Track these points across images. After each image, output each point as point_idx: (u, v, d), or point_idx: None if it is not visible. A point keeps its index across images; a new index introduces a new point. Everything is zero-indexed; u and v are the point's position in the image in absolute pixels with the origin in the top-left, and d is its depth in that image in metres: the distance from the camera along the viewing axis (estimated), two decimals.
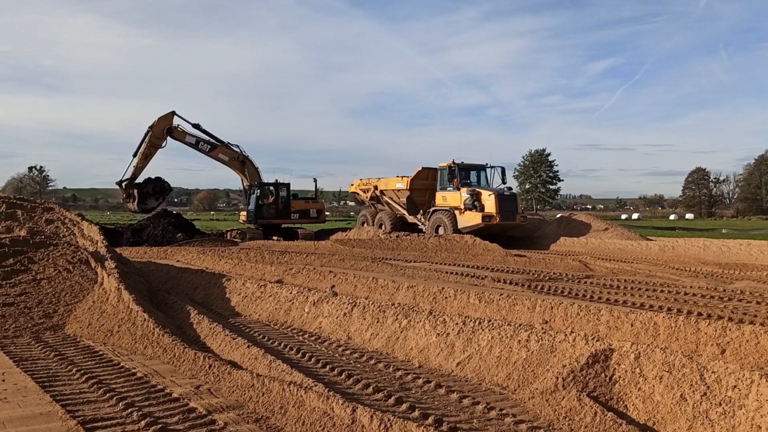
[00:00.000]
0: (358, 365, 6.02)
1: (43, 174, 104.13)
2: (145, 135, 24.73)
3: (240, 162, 26.62)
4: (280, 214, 26.58)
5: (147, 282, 10.47)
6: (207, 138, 26.05)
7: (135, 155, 24.80)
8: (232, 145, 26.59)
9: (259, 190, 26.21)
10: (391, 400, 4.74)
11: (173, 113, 25.22)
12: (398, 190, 25.77)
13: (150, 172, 26.00)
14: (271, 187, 26.91)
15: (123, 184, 24.99)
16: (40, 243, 10.02)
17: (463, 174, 23.62)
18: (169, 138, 25.19)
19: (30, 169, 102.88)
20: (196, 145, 25.73)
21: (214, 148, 26.13)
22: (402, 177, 25.65)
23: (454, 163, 23.64)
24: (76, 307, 8.12)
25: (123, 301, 7.65)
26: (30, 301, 8.25)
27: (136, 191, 24.95)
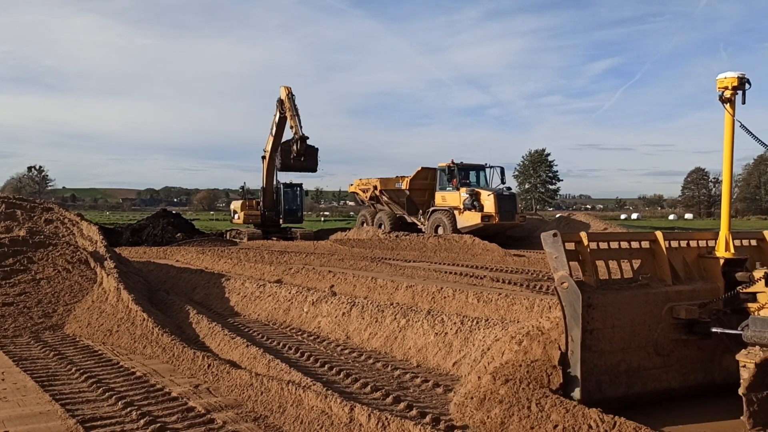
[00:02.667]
0: (357, 364, 6.04)
1: (42, 174, 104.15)
2: (291, 101, 24.34)
3: (272, 159, 26.51)
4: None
5: (146, 282, 10.49)
6: None
7: (296, 115, 24.26)
8: None
9: (296, 190, 26.87)
10: (389, 399, 4.76)
11: None
12: (398, 190, 25.77)
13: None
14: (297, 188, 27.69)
15: (298, 143, 24.19)
16: (40, 243, 10.04)
17: (462, 174, 23.64)
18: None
19: (29, 168, 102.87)
20: (279, 123, 25.40)
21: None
22: (401, 177, 25.65)
23: (453, 163, 23.65)
24: (76, 307, 8.13)
25: (122, 301, 7.66)
26: (29, 300, 8.27)
27: (315, 151, 24.65)
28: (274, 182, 26.73)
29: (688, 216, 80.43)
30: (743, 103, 4.62)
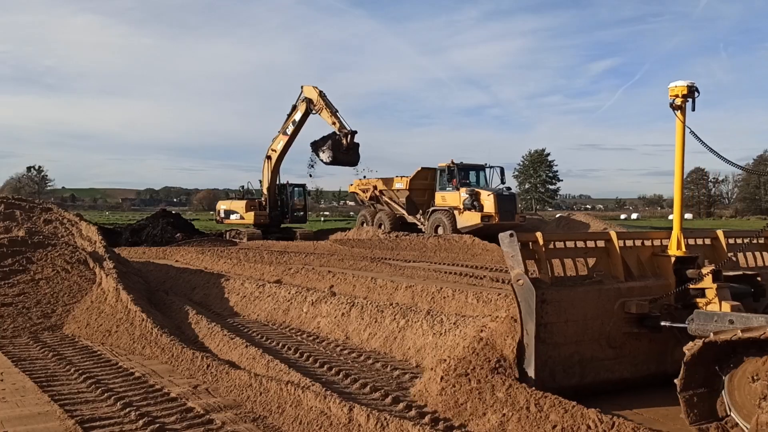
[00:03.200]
0: (356, 365, 6.04)
1: (42, 174, 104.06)
2: (326, 99, 24.14)
3: (281, 158, 26.29)
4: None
5: (145, 282, 10.48)
6: None
7: (336, 110, 24.05)
8: None
9: (296, 190, 27.19)
10: (389, 399, 4.76)
11: None
12: (397, 190, 25.76)
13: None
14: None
15: (348, 137, 23.79)
16: (39, 243, 10.03)
17: (462, 174, 23.64)
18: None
19: (28, 168, 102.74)
20: (300, 122, 25.19)
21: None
22: (401, 177, 25.64)
23: (453, 163, 23.65)
24: (75, 307, 8.13)
25: (121, 301, 7.66)
26: (28, 301, 8.26)
27: (357, 145, 24.34)
28: (278, 182, 26.74)
29: (688, 216, 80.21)
30: (693, 110, 4.89)
